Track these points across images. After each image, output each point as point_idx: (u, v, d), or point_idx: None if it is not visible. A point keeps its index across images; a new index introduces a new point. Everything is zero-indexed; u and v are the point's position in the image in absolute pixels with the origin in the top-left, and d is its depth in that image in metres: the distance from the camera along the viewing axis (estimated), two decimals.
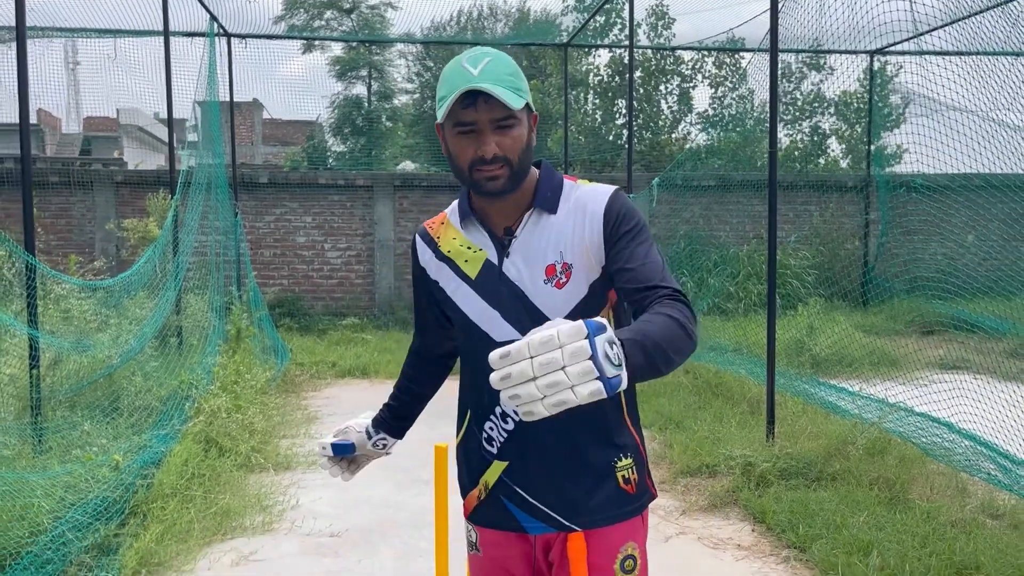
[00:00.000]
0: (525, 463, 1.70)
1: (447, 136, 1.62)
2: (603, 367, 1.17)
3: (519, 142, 1.59)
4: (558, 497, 1.70)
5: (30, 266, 4.53)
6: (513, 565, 1.79)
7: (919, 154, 6.82)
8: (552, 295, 1.65)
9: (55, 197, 11.47)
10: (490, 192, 1.62)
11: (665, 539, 4.09)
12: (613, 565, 1.72)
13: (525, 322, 1.65)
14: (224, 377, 6.25)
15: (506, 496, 1.73)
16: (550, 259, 1.66)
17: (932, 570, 3.39)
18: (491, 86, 1.53)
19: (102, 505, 3.82)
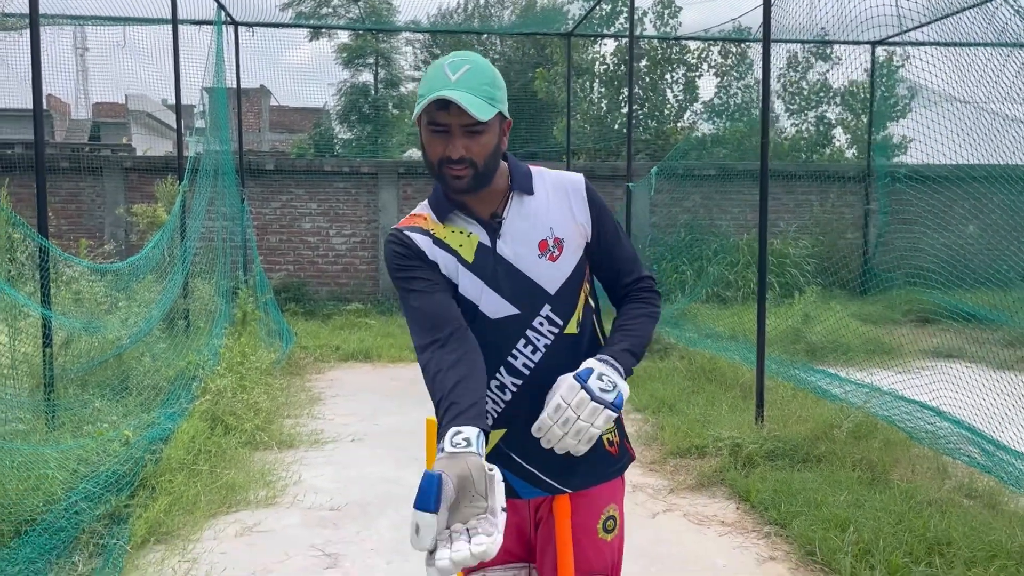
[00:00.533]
0: (521, 430, 1.79)
1: (422, 131, 1.74)
2: (602, 399, 1.64)
3: (486, 148, 1.71)
4: (552, 464, 1.82)
5: (43, 248, 4.70)
6: (506, 536, 1.91)
7: (921, 144, 6.90)
8: (547, 267, 1.79)
9: (65, 182, 11.64)
10: (455, 189, 1.74)
11: (652, 515, 4.25)
12: (596, 525, 1.88)
13: (522, 297, 1.78)
14: (230, 358, 6.43)
15: (502, 463, 1.83)
16: (541, 235, 1.80)
17: (905, 544, 3.54)
18: (464, 96, 1.63)
19: (113, 477, 3.99)
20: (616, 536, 1.92)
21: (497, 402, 1.83)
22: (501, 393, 1.82)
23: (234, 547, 3.81)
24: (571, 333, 1.82)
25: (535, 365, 1.79)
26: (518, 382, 1.80)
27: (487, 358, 1.76)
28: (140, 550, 3.67)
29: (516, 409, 1.82)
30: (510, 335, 1.79)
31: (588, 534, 1.87)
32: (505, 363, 1.80)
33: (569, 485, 1.84)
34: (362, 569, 3.61)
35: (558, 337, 1.80)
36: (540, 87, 16.51)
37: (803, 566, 3.61)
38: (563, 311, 1.81)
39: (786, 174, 12.36)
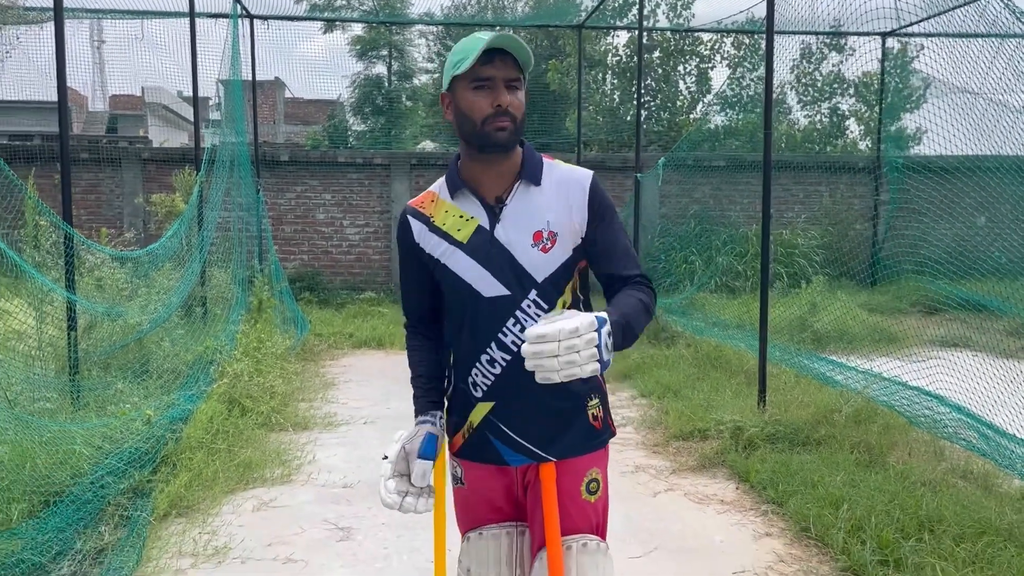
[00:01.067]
0: (508, 403, 1.95)
1: (460, 94, 1.87)
2: (603, 354, 1.65)
3: (522, 105, 1.89)
4: (536, 432, 1.97)
5: (68, 236, 4.88)
6: (494, 495, 2.07)
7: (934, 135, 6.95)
8: (537, 257, 1.92)
9: (85, 173, 11.87)
10: (498, 142, 1.86)
11: (653, 494, 4.39)
12: (580, 487, 2.02)
13: (511, 280, 1.92)
14: (246, 344, 6.61)
15: (491, 432, 1.98)
16: (537, 226, 1.93)
17: (897, 522, 3.66)
18: (510, 46, 1.82)
19: (136, 454, 4.17)
20: (600, 498, 2.06)
21: (487, 376, 1.96)
22: (491, 367, 1.95)
23: (251, 521, 3.98)
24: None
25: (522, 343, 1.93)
26: (507, 357, 1.94)
27: (481, 333, 1.94)
28: (162, 522, 3.84)
29: (504, 382, 1.95)
30: (502, 314, 1.92)
31: (572, 497, 2.01)
32: (496, 339, 1.94)
33: (552, 453, 1.97)
34: (373, 541, 3.77)
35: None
36: (553, 79, 16.60)
37: (797, 542, 3.74)
38: (549, 297, 1.94)
39: (796, 165, 12.42)
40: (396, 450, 1.95)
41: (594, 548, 2.01)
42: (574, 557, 1.98)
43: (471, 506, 2.11)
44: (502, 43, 1.81)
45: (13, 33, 11.06)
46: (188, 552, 3.59)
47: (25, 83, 13.13)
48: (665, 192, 12.23)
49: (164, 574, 3.38)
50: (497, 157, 1.92)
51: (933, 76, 9.60)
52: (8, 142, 16.12)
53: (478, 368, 1.96)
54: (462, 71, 1.83)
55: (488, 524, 2.08)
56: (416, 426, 2.01)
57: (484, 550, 2.08)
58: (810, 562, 3.53)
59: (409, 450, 1.94)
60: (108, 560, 3.36)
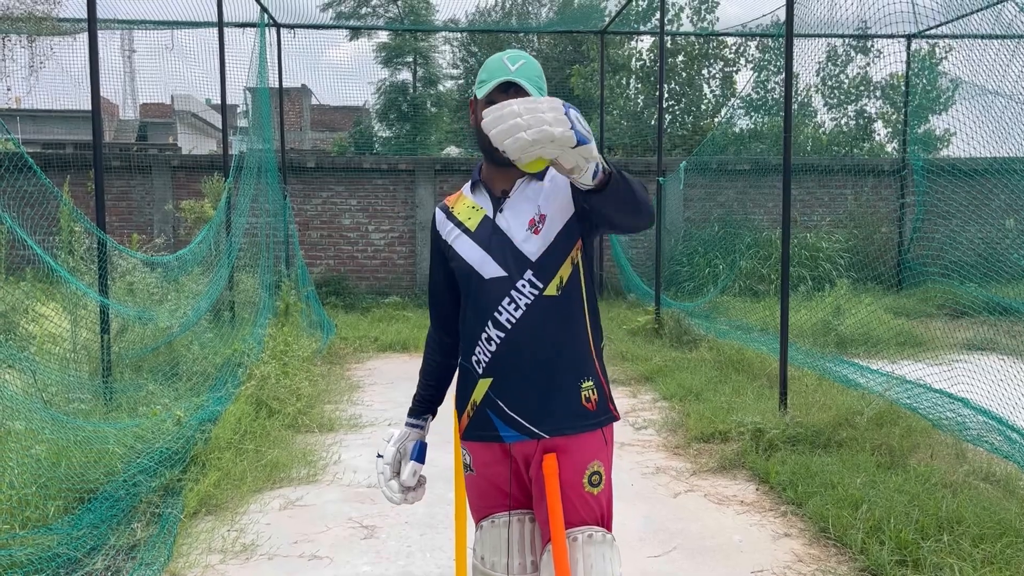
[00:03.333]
0: (505, 378, 2.07)
1: (480, 111, 2.02)
2: (575, 124, 1.59)
3: None
4: (528, 408, 2.06)
5: (101, 241, 5.02)
6: (501, 480, 2.16)
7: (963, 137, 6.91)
8: (531, 239, 2.07)
9: (116, 180, 12.12)
10: (502, 162, 2.02)
11: (674, 495, 4.42)
12: (582, 479, 2.08)
13: (509, 262, 2.07)
14: (273, 347, 6.73)
15: (490, 408, 2.09)
16: (531, 213, 2.09)
17: (916, 522, 3.67)
18: (524, 82, 1.98)
19: (166, 453, 4.29)
20: (603, 491, 2.12)
21: (485, 353, 2.08)
22: (488, 345, 2.08)
23: (278, 519, 4.07)
24: (550, 295, 2.06)
25: (516, 321, 2.05)
26: (501, 335, 2.06)
27: (480, 313, 2.09)
28: (192, 519, 3.95)
29: (500, 359, 2.07)
30: (498, 294, 2.06)
31: (574, 488, 2.07)
32: (492, 318, 2.07)
33: (543, 429, 2.06)
34: (397, 540, 3.84)
35: (537, 298, 2.05)
36: (576, 84, 16.65)
37: (816, 542, 3.76)
38: (544, 276, 2.06)
39: (820, 168, 12.37)
40: (392, 452, 2.24)
41: (600, 539, 2.07)
42: (580, 548, 2.04)
43: (481, 492, 2.20)
44: (517, 79, 1.98)
45: (47, 44, 11.33)
46: (217, 548, 3.68)
47: (59, 93, 13.46)
48: (689, 196, 12.23)
49: (194, 569, 3.47)
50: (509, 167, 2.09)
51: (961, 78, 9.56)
52: (42, 151, 16.47)
53: (479, 346, 2.09)
54: (480, 96, 2.02)
55: (499, 512, 2.16)
56: (407, 427, 2.30)
57: (496, 538, 2.16)
58: (828, 562, 3.55)
59: (403, 452, 2.26)
60: (140, 555, 3.46)
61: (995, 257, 8.51)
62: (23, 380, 4.27)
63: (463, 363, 2.17)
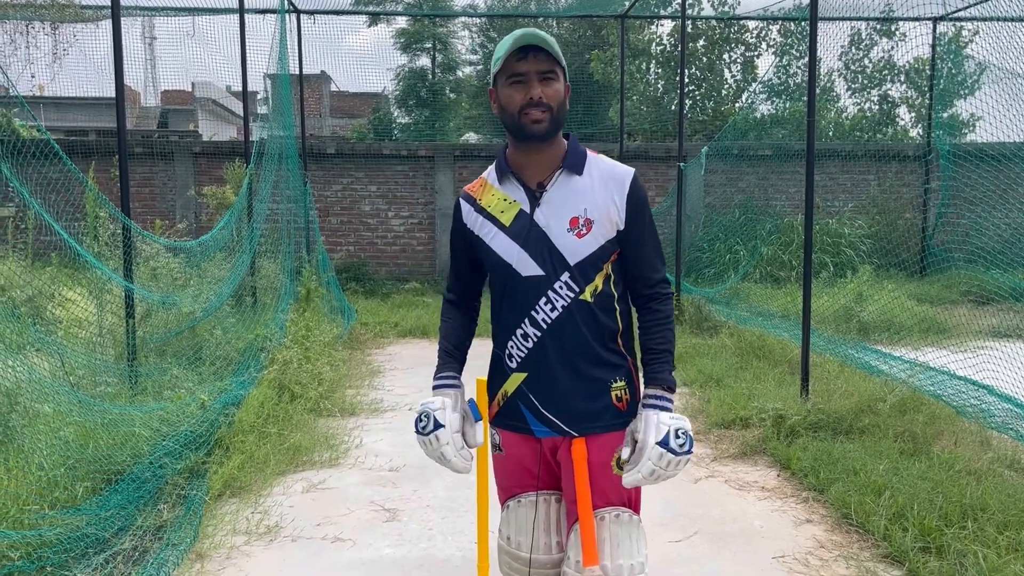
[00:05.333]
0: (538, 375, 2.08)
1: (500, 90, 2.02)
2: (682, 454, 1.95)
3: (559, 95, 2.00)
4: (561, 408, 2.07)
5: (126, 227, 5.07)
6: (530, 461, 2.18)
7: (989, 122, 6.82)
8: (572, 242, 2.03)
9: (139, 167, 12.22)
10: (534, 134, 1.99)
11: (694, 481, 4.42)
12: (611, 461, 2.10)
13: (547, 260, 2.04)
14: (295, 332, 6.78)
15: (522, 402, 2.11)
16: (575, 212, 2.03)
17: (940, 509, 3.65)
18: (540, 38, 1.95)
19: (191, 436, 4.34)
20: None
21: (521, 348, 2.08)
22: (524, 341, 2.08)
23: (301, 501, 4.11)
24: (585, 300, 2.05)
25: (552, 321, 2.05)
26: (538, 333, 2.06)
27: (516, 309, 2.07)
28: (217, 501, 4.00)
29: (536, 356, 2.07)
30: (535, 292, 2.05)
31: (603, 470, 2.10)
32: (529, 316, 2.06)
33: (575, 429, 2.08)
34: (419, 522, 3.87)
35: (573, 301, 2.05)
36: (596, 69, 16.56)
37: (838, 528, 3.75)
38: (580, 281, 2.05)
39: (843, 153, 12.24)
40: (457, 419, 2.08)
41: (627, 519, 2.09)
42: (607, 527, 2.06)
43: (509, 472, 2.22)
44: (528, 40, 1.94)
45: (71, 31, 11.41)
46: (242, 530, 3.73)
47: (82, 80, 13.55)
48: (710, 182, 12.15)
49: (220, 550, 3.52)
50: (538, 146, 2.04)
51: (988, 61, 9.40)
52: (65, 137, 16.62)
53: (514, 341, 2.10)
54: (498, 68, 1.98)
55: (526, 492, 2.18)
56: (450, 390, 2.14)
57: (523, 517, 2.18)
58: (851, 548, 3.54)
59: (464, 414, 2.12)
60: (167, 536, 3.51)
61: (1022, 243, 8.38)
62: (51, 364, 4.33)
63: (496, 350, 2.18)
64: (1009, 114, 6.56)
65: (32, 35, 11.87)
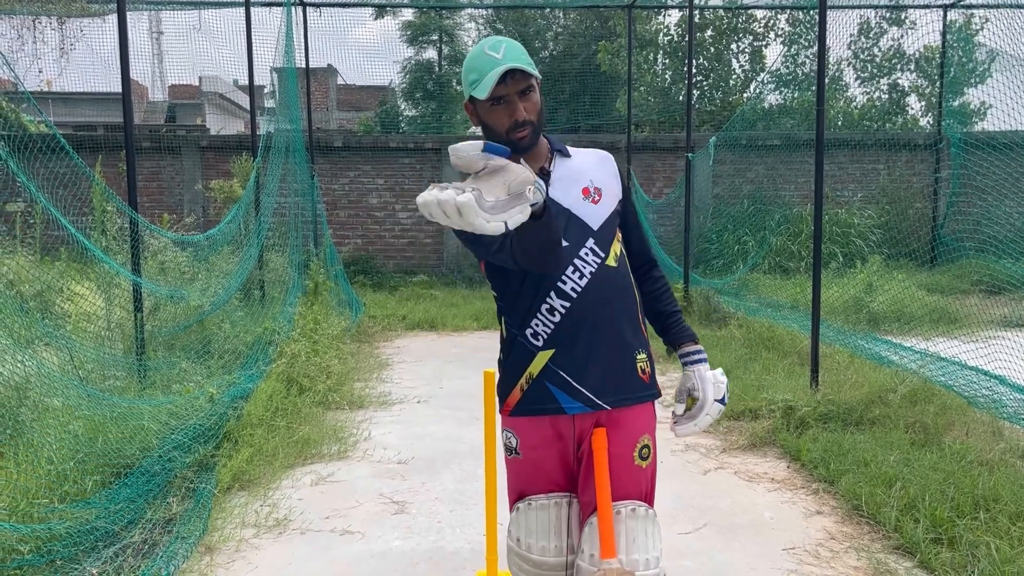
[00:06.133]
0: (568, 349, 2.05)
1: (482, 111, 2.04)
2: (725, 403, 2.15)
3: (537, 105, 2.04)
4: (592, 378, 2.05)
5: (134, 221, 5.07)
6: (549, 464, 2.13)
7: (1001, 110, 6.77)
8: (591, 207, 2.10)
9: (146, 161, 12.23)
10: (523, 147, 2.03)
11: (704, 472, 4.40)
12: (632, 452, 2.09)
13: (570, 231, 2.06)
14: (303, 325, 6.78)
15: (550, 381, 2.06)
16: (583, 183, 2.12)
17: (952, 500, 3.62)
18: (519, 64, 1.95)
19: (200, 430, 4.34)
20: (649, 464, 2.12)
21: (547, 324, 2.06)
22: (551, 315, 2.05)
23: (310, 494, 4.12)
24: (611, 265, 2.08)
25: (582, 289, 2.05)
26: (566, 304, 2.04)
27: (541, 285, 2.06)
28: (226, 494, 4.00)
29: (564, 329, 2.05)
30: (561, 264, 2.04)
31: (625, 462, 2.07)
32: (556, 287, 2.04)
33: (606, 401, 2.06)
34: (427, 515, 3.87)
35: (600, 267, 2.06)
36: (603, 60, 16.48)
37: (849, 519, 3.73)
38: (603, 245, 2.09)
39: (853, 143, 12.16)
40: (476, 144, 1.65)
41: (643, 514, 2.07)
42: (624, 522, 2.04)
43: (524, 476, 2.16)
44: (511, 66, 1.94)
45: (77, 26, 11.42)
46: (251, 523, 3.73)
47: (89, 75, 13.59)
48: (718, 172, 12.09)
49: (229, 543, 3.52)
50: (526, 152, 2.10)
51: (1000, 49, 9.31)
52: (74, 132, 16.66)
53: (539, 318, 2.06)
54: (483, 97, 1.96)
55: (539, 494, 2.14)
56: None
57: (533, 520, 2.14)
58: (862, 539, 3.52)
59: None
60: (176, 529, 3.52)
61: None
62: (60, 357, 4.34)
63: (514, 333, 2.12)
64: (1021, 102, 6.49)
65: (39, 30, 11.89)
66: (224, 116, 29.86)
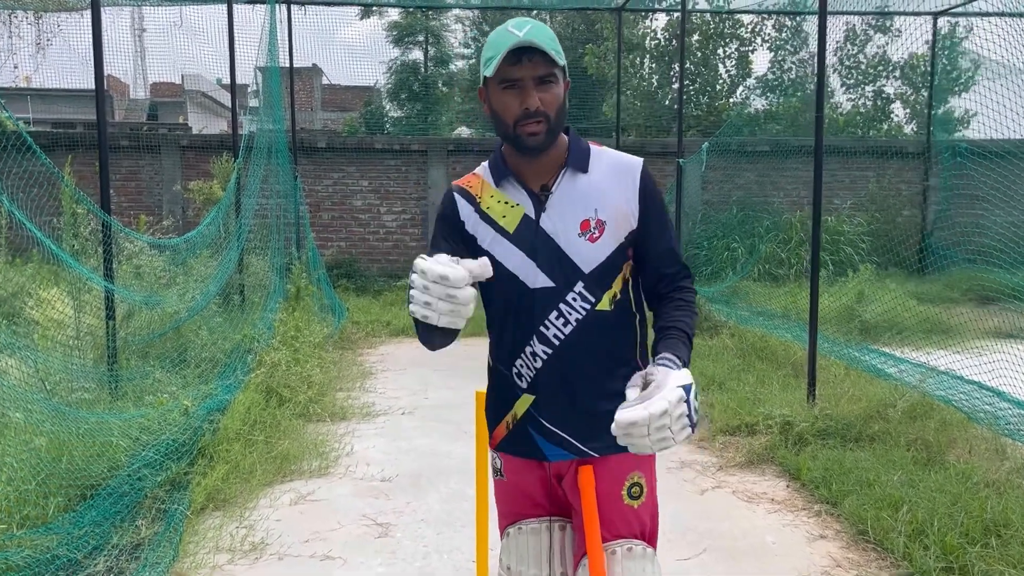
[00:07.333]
0: (551, 396, 1.87)
1: (492, 95, 1.79)
2: (693, 419, 1.58)
3: (557, 99, 1.76)
4: (577, 426, 1.87)
5: (106, 224, 4.84)
6: (532, 488, 1.98)
7: (987, 118, 6.69)
8: (585, 248, 1.82)
9: (125, 160, 11.94)
10: (530, 146, 1.77)
11: (701, 492, 4.24)
12: (621, 491, 1.91)
13: (557, 271, 1.82)
14: (284, 332, 6.56)
15: (532, 427, 1.89)
16: (585, 214, 1.83)
17: (961, 525, 3.47)
18: (538, 41, 1.70)
19: (173, 446, 4.12)
20: (644, 504, 1.93)
21: (529, 368, 1.87)
22: (532, 360, 1.86)
23: (289, 515, 3.91)
24: (603, 310, 1.85)
25: (564, 337, 1.84)
26: (548, 351, 1.84)
27: (522, 326, 1.85)
28: (199, 516, 3.79)
29: (545, 377, 1.86)
30: (544, 306, 1.83)
31: (613, 500, 1.90)
32: (537, 332, 1.84)
33: (591, 448, 1.87)
34: (412, 539, 3.67)
35: (589, 313, 1.83)
36: (590, 63, 16.35)
37: (855, 545, 3.57)
38: (596, 290, 1.83)
39: (843, 150, 12.08)
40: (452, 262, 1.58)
41: (640, 553, 1.90)
42: (619, 562, 1.87)
43: (511, 499, 2.03)
44: (528, 42, 1.70)
45: (54, 21, 11.13)
46: (225, 547, 3.52)
47: (66, 71, 13.30)
48: (707, 178, 11.98)
49: (202, 570, 3.31)
50: (537, 154, 1.83)
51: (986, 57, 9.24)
52: (51, 129, 16.32)
53: (523, 359, 1.88)
54: (490, 75, 1.74)
55: (528, 519, 2.00)
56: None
57: (524, 545, 2.00)
58: (869, 567, 3.36)
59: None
60: (145, 555, 3.30)
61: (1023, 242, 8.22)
62: (23, 368, 4.11)
63: (500, 368, 1.94)
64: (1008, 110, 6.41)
65: (15, 24, 11.59)
66: (206, 115, 29.47)
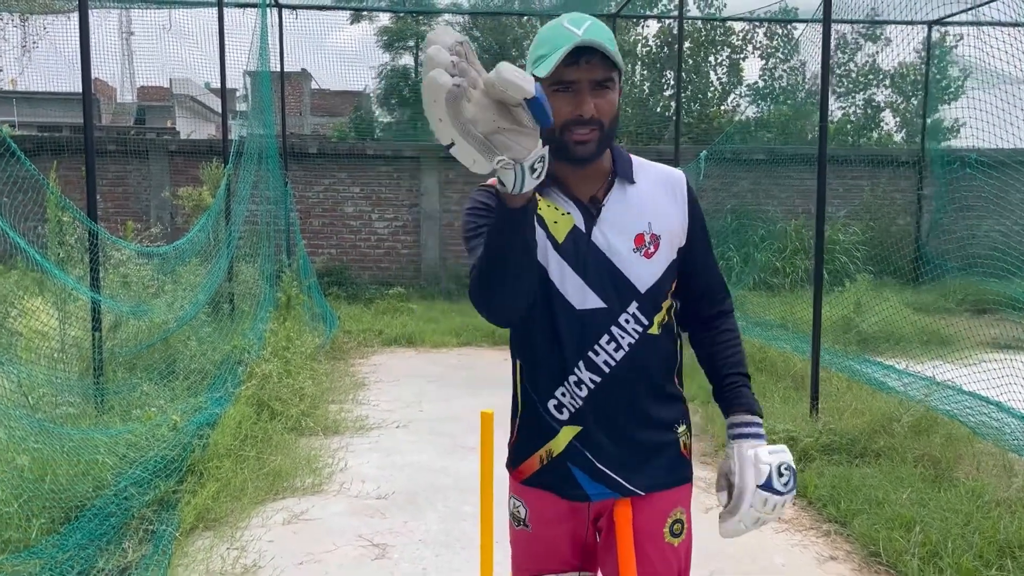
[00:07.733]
0: (597, 428, 1.70)
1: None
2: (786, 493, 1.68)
3: (612, 107, 1.61)
4: (625, 461, 1.71)
5: (92, 232, 4.69)
6: (560, 541, 1.82)
7: (976, 128, 6.66)
8: (641, 264, 1.68)
9: (112, 165, 11.76)
10: (579, 157, 1.62)
11: (705, 510, 4.13)
12: (663, 529, 1.76)
13: (610, 291, 1.67)
14: (275, 343, 6.42)
15: (573, 462, 1.72)
16: (639, 228, 1.69)
17: (975, 547, 3.38)
18: (601, 41, 1.55)
19: (161, 463, 3.98)
20: (683, 541, 1.81)
21: (574, 398, 1.70)
22: (578, 390, 1.70)
23: (281, 535, 3.78)
24: (653, 334, 1.71)
25: (616, 363, 1.68)
26: (596, 379, 1.69)
27: (567, 351, 1.69)
28: (189, 536, 3.65)
29: (592, 407, 1.70)
30: (595, 329, 1.68)
31: (654, 539, 1.75)
32: (585, 358, 1.68)
33: (637, 485, 1.72)
34: (410, 560, 3.55)
35: (642, 337, 1.69)
36: None
37: (866, 567, 3.47)
38: (649, 311, 1.70)
39: (836, 159, 12.04)
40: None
41: None
42: None
43: (533, 553, 1.85)
44: (588, 42, 1.54)
45: (40, 23, 10.96)
46: (216, 570, 3.39)
47: (53, 74, 13.12)
48: (702, 186, 11.91)
49: None
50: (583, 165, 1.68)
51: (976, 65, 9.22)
52: (37, 133, 16.11)
53: (565, 388, 1.71)
54: (543, 76, 1.57)
55: (548, 574, 1.84)
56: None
57: None
58: None
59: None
60: None
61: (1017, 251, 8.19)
62: (8, 383, 3.96)
63: (531, 399, 1.76)
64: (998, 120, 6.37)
65: (0, 27, 11.41)
66: (195, 119, 29.25)
